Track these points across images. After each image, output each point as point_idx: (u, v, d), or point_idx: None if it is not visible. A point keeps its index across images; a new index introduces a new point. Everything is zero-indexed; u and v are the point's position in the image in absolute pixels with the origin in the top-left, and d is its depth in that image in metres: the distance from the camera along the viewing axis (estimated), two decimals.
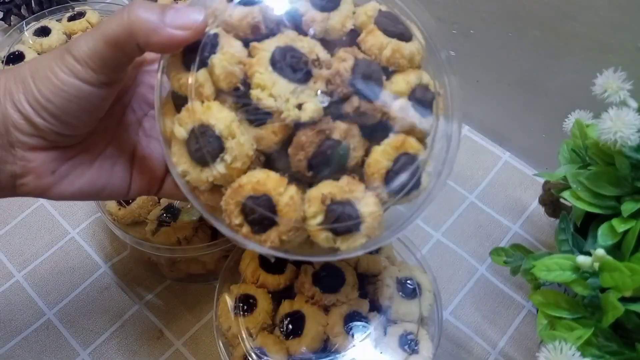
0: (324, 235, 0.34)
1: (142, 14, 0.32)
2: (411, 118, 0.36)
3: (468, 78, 0.67)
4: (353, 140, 0.35)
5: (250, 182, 0.33)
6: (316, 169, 0.34)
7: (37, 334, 0.54)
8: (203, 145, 0.33)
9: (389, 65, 0.36)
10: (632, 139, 0.36)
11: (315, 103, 0.33)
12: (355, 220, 0.34)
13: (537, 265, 0.40)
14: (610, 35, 0.50)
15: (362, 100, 0.34)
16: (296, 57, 0.34)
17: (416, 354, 0.46)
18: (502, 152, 0.68)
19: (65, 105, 0.33)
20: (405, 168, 0.35)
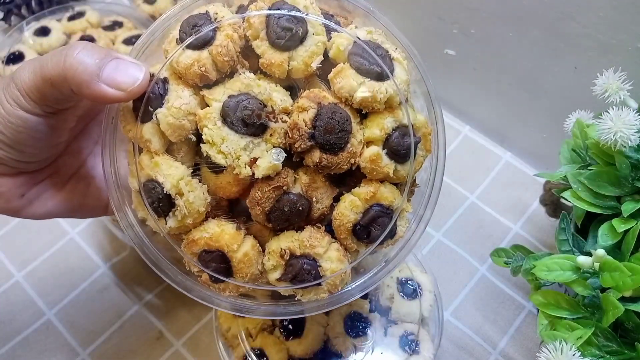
0: (284, 286, 0.33)
1: (80, 60, 0.30)
2: (384, 168, 0.33)
3: (468, 78, 0.67)
4: (316, 192, 0.33)
5: (202, 238, 0.32)
6: (275, 222, 0.33)
7: (37, 334, 0.54)
8: (153, 201, 0.32)
9: (362, 108, 0.33)
10: (632, 139, 0.36)
11: (269, 159, 0.31)
12: (314, 277, 0.33)
13: (538, 266, 0.40)
14: (610, 36, 0.50)
15: (324, 154, 0.32)
16: (249, 109, 0.31)
17: (417, 354, 0.46)
18: (503, 152, 0.68)
19: (16, 135, 0.32)
20: (376, 220, 0.33)
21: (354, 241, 0.34)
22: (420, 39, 0.70)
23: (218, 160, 0.31)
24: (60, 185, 0.37)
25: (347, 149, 0.32)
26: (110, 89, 0.30)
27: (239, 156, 0.31)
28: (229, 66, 0.32)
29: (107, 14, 0.72)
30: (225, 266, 0.33)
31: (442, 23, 0.64)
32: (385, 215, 0.33)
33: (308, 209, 0.33)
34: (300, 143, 0.31)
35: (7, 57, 0.65)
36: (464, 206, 0.64)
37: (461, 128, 0.70)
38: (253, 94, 0.31)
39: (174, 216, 0.32)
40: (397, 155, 0.33)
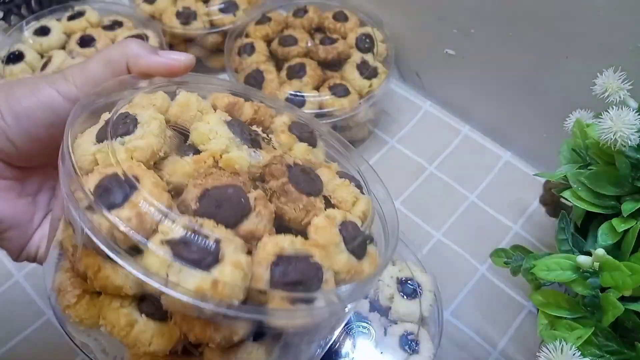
0: (160, 256, 0.26)
1: (140, 44, 0.34)
2: (334, 233, 0.30)
3: (468, 77, 0.67)
4: (263, 209, 0.29)
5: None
6: (206, 201, 0.28)
7: (37, 334, 0.54)
8: (116, 123, 0.30)
9: (332, 197, 0.33)
10: (632, 139, 0.36)
11: (242, 152, 0.30)
12: (208, 256, 0.26)
13: (538, 265, 0.40)
14: (610, 35, 0.50)
15: (290, 184, 0.30)
16: (251, 130, 0.32)
17: (417, 354, 0.46)
18: (503, 151, 0.68)
19: (33, 111, 0.32)
20: (302, 268, 0.28)
21: (267, 275, 0.27)
22: (420, 39, 0.70)
23: (201, 129, 0.31)
24: (18, 195, 0.36)
25: (310, 199, 0.31)
26: (164, 58, 0.34)
27: (221, 138, 0.31)
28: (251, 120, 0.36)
29: (107, 14, 0.72)
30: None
31: (442, 23, 0.64)
32: (314, 273, 0.28)
33: (245, 212, 0.28)
34: (278, 165, 0.31)
35: (7, 57, 0.65)
36: (463, 206, 0.64)
37: (461, 128, 0.70)
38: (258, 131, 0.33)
39: (123, 143, 0.29)
40: (348, 235, 0.30)
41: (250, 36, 0.69)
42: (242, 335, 0.28)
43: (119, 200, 0.27)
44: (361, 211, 0.33)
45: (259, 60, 0.66)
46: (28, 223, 0.36)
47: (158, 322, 0.30)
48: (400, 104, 0.73)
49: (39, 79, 0.33)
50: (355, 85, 0.64)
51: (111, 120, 0.30)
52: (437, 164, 0.67)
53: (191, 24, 0.71)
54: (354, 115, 0.63)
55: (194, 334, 0.27)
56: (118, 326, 0.29)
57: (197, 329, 0.27)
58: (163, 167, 0.30)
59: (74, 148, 0.30)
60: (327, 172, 0.34)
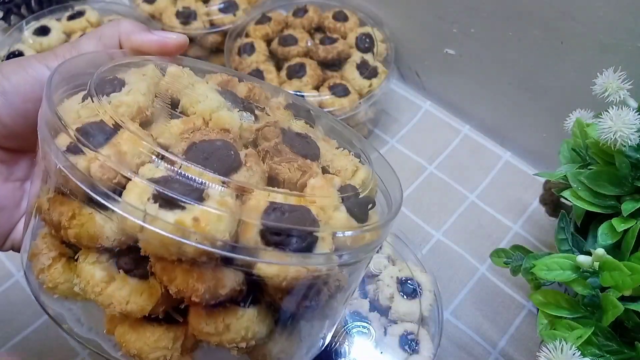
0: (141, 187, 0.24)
1: (134, 22, 0.34)
2: (332, 193, 0.28)
3: (468, 77, 0.67)
4: (254, 164, 0.27)
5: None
6: (193, 154, 0.26)
7: (37, 334, 0.54)
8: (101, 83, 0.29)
9: (330, 167, 0.31)
10: (632, 139, 0.36)
11: (232, 113, 0.29)
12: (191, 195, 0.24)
13: (537, 265, 0.40)
14: (610, 35, 0.50)
15: (284, 144, 0.29)
16: (244, 99, 0.31)
17: (416, 354, 0.46)
18: (503, 151, 0.68)
19: (21, 86, 0.31)
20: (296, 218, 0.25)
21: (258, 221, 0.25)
22: (420, 39, 0.70)
23: (192, 96, 0.29)
24: (4, 178, 0.35)
25: (305, 161, 0.29)
26: (157, 36, 0.33)
27: (212, 101, 0.29)
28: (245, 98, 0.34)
29: (107, 14, 0.72)
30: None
31: (442, 22, 0.64)
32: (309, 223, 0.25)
33: (234, 164, 0.26)
34: (271, 127, 0.30)
35: (7, 57, 0.65)
36: (463, 206, 0.64)
37: (461, 127, 0.70)
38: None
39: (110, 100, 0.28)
40: (348, 197, 0.28)
41: (250, 36, 0.69)
42: (229, 287, 0.25)
43: (101, 141, 0.25)
44: (361, 179, 0.31)
45: (259, 60, 0.66)
46: (14, 209, 0.35)
47: (137, 280, 0.26)
48: (400, 104, 0.73)
49: (29, 56, 0.33)
50: (355, 85, 0.64)
51: (95, 81, 0.29)
52: (437, 164, 0.67)
53: (191, 24, 0.71)
54: (354, 115, 0.63)
55: (175, 285, 0.24)
56: (92, 281, 0.26)
57: (179, 278, 0.24)
58: (150, 130, 0.28)
59: (58, 109, 0.28)
60: (324, 144, 0.32)
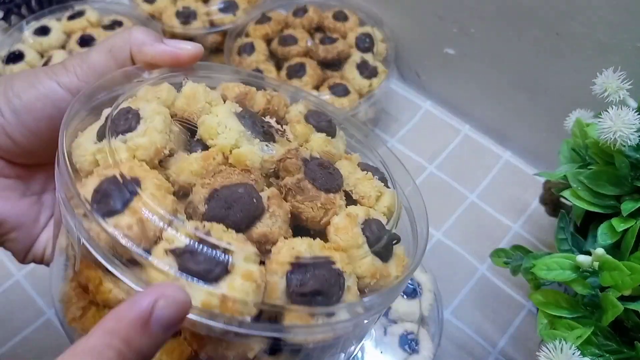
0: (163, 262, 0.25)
1: (145, 32, 0.32)
2: (355, 234, 0.28)
3: (468, 77, 0.67)
4: (277, 208, 0.27)
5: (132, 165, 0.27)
6: (214, 203, 0.26)
7: (37, 334, 0.54)
8: (117, 119, 0.28)
9: (353, 192, 0.31)
10: (632, 139, 0.36)
11: (253, 148, 0.28)
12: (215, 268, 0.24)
13: (537, 265, 0.40)
14: (610, 35, 0.50)
15: (306, 180, 0.28)
16: (264, 121, 0.30)
17: (416, 354, 0.46)
18: (503, 151, 0.68)
19: (32, 104, 0.31)
20: (321, 275, 0.25)
21: (282, 283, 0.25)
22: (420, 38, 0.70)
23: (209, 123, 0.28)
24: (21, 194, 0.34)
25: (329, 196, 0.28)
26: (170, 47, 0.32)
27: (231, 131, 0.28)
28: (263, 110, 0.34)
29: (107, 13, 0.72)
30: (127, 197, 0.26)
31: (442, 22, 0.64)
32: (334, 281, 0.26)
33: (257, 213, 0.26)
34: (292, 158, 0.29)
35: (7, 57, 0.65)
36: (463, 205, 0.64)
37: (461, 127, 0.70)
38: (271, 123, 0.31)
39: (125, 141, 0.27)
40: (372, 235, 0.28)
41: (250, 36, 0.69)
42: (257, 351, 0.26)
43: (119, 206, 0.25)
44: (385, 206, 0.31)
45: (259, 60, 0.66)
46: (33, 223, 0.35)
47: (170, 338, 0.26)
48: (400, 104, 0.73)
49: (38, 71, 0.32)
50: (355, 84, 0.64)
51: (111, 115, 0.28)
52: (437, 164, 0.67)
53: (191, 24, 0.71)
54: (354, 114, 0.63)
55: (205, 352, 0.25)
56: None
57: (208, 347, 0.25)
58: (169, 166, 0.28)
59: (73, 147, 0.28)
60: (347, 164, 0.32)
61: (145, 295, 0.21)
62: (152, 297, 0.21)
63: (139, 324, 0.21)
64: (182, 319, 0.22)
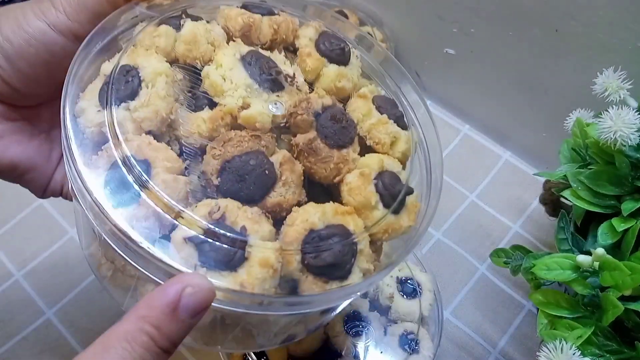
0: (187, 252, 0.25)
1: None
2: (368, 193, 0.28)
3: (468, 77, 0.67)
4: (289, 174, 0.27)
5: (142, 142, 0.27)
6: (227, 176, 0.26)
7: (36, 334, 0.54)
8: (117, 83, 0.27)
9: (367, 138, 0.31)
10: (632, 138, 0.36)
11: (263, 107, 0.28)
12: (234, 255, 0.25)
13: (537, 265, 0.40)
14: (610, 35, 0.50)
15: (319, 138, 0.28)
16: (271, 64, 0.29)
17: (416, 354, 0.46)
18: (503, 151, 0.68)
19: (25, 49, 0.29)
20: (334, 243, 0.27)
21: (297, 257, 0.26)
22: (420, 38, 0.70)
23: (215, 79, 0.28)
24: (29, 135, 0.34)
25: (342, 151, 0.29)
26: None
27: (237, 88, 0.28)
28: (271, 41, 0.31)
29: None
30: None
31: (442, 22, 0.64)
32: (348, 246, 0.27)
33: (270, 183, 0.27)
34: (304, 113, 0.28)
35: None
36: (463, 205, 0.64)
37: (461, 127, 0.70)
38: (279, 66, 0.30)
39: (128, 108, 0.27)
40: (385, 190, 0.29)
41: None
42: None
43: (131, 202, 0.25)
44: (400, 152, 0.31)
45: None
46: (46, 162, 0.35)
47: None
48: None
49: (26, 8, 0.29)
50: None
51: (112, 77, 0.28)
52: None
53: None
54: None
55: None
56: None
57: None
58: (177, 126, 0.28)
59: (77, 112, 0.28)
60: (362, 104, 0.31)
61: (173, 284, 0.23)
62: (179, 286, 0.23)
63: (168, 311, 0.23)
64: (207, 306, 0.23)
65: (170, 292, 0.23)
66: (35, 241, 0.60)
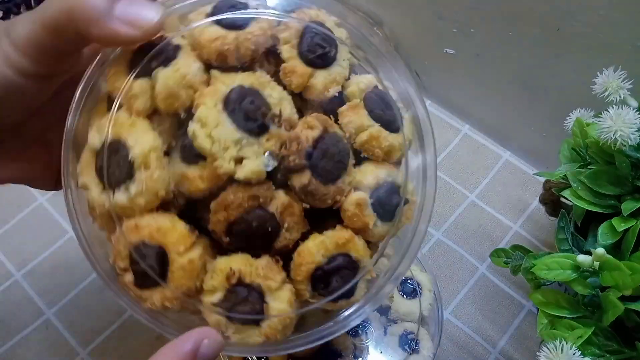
0: (215, 318, 0.29)
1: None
2: (366, 217, 0.30)
3: (468, 77, 0.67)
4: (290, 219, 0.29)
5: (149, 226, 0.28)
6: (234, 237, 0.29)
7: (36, 333, 0.54)
8: (110, 164, 0.28)
9: (362, 151, 0.31)
10: (632, 138, 0.36)
11: (257, 163, 0.28)
12: (257, 312, 0.29)
13: (537, 265, 0.40)
14: (611, 34, 0.50)
15: (313, 179, 0.29)
16: (255, 105, 0.28)
17: (416, 354, 0.46)
18: (503, 151, 0.68)
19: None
20: (339, 272, 0.30)
21: (309, 289, 0.30)
22: (419, 38, 0.70)
23: (203, 144, 0.27)
24: (21, 150, 0.33)
25: (337, 183, 0.29)
26: (124, 27, 0.27)
27: (228, 147, 0.27)
28: (251, 58, 0.30)
29: None
30: (160, 270, 0.29)
31: (442, 22, 0.64)
32: (351, 269, 0.30)
33: (275, 235, 0.29)
34: (295, 157, 0.28)
35: None
36: (463, 205, 0.64)
37: (460, 127, 0.70)
38: (264, 94, 0.29)
39: (127, 190, 0.28)
40: (382, 208, 0.30)
41: None
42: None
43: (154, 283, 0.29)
44: (396, 157, 0.32)
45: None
46: (46, 168, 0.35)
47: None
48: None
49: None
50: None
51: (104, 157, 0.28)
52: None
53: None
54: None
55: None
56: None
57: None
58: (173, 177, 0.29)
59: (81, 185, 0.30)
60: (354, 117, 0.31)
61: (192, 336, 0.28)
62: (198, 337, 0.28)
63: (188, 358, 0.27)
64: (217, 355, 0.28)
65: (190, 342, 0.27)
66: (35, 241, 0.60)
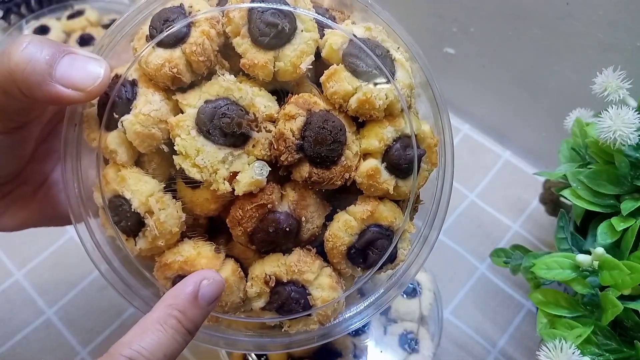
0: (269, 316, 0.30)
1: (28, 57, 0.25)
2: (383, 184, 0.29)
3: (468, 76, 0.67)
4: (306, 211, 0.29)
5: (176, 262, 0.29)
6: (259, 244, 0.29)
7: (36, 333, 0.54)
8: (121, 219, 0.29)
9: (358, 116, 0.29)
10: (632, 138, 0.36)
11: (251, 174, 0.28)
12: (303, 306, 0.29)
13: (537, 264, 0.40)
14: (610, 34, 0.50)
15: (314, 168, 0.28)
16: (229, 117, 0.27)
17: (416, 353, 0.46)
18: (503, 150, 0.68)
19: None
20: (374, 243, 0.30)
21: (349, 266, 0.30)
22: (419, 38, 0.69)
23: (193, 174, 0.27)
24: (30, 195, 0.34)
25: (340, 162, 0.28)
26: (66, 90, 0.26)
27: (217, 170, 0.27)
28: (206, 67, 0.28)
29: (107, 12, 0.72)
30: None
31: (442, 22, 0.64)
32: (385, 237, 0.30)
33: (297, 230, 0.29)
34: (286, 156, 0.27)
35: None
36: (463, 205, 0.64)
37: (461, 127, 0.70)
38: (233, 99, 0.27)
39: (144, 237, 0.29)
40: (398, 169, 0.29)
41: None
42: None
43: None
44: (397, 109, 0.30)
45: None
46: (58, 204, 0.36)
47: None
48: None
49: None
50: None
51: (112, 214, 0.29)
52: None
53: None
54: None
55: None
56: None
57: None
58: (181, 196, 0.30)
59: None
60: (337, 83, 0.28)
61: (193, 278, 0.28)
62: (198, 278, 0.28)
63: (191, 299, 0.27)
64: (219, 294, 0.29)
65: (191, 284, 0.27)
66: (36, 241, 0.60)
